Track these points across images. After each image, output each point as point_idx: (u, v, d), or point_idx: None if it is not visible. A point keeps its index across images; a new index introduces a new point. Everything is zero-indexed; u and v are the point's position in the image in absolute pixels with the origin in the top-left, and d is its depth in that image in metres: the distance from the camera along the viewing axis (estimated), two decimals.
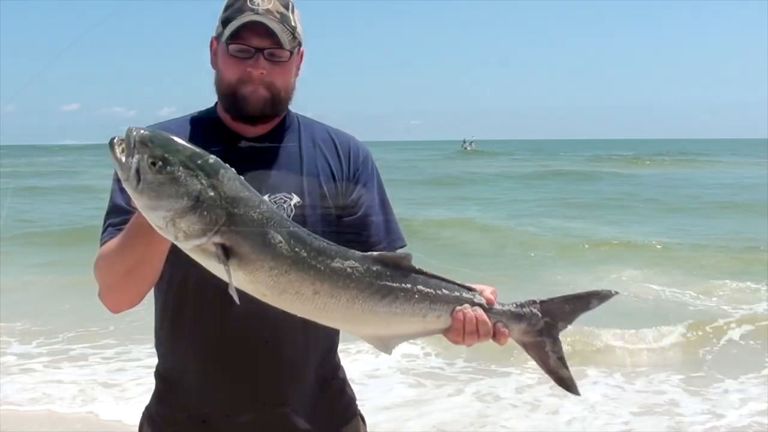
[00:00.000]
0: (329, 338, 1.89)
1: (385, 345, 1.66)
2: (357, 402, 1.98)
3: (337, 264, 1.51)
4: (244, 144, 1.78)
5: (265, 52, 1.72)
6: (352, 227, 1.81)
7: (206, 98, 1.87)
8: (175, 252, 1.67)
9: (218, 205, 1.40)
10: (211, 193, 1.40)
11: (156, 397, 1.89)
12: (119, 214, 1.72)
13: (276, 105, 1.78)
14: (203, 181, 1.40)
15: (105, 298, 1.74)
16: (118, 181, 1.74)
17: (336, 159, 1.86)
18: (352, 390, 1.97)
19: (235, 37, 1.71)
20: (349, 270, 1.52)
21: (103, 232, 1.74)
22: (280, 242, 1.45)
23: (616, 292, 1.73)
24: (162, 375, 1.88)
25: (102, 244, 1.72)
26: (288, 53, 1.74)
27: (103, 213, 1.79)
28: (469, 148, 68.55)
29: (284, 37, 1.71)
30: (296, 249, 1.47)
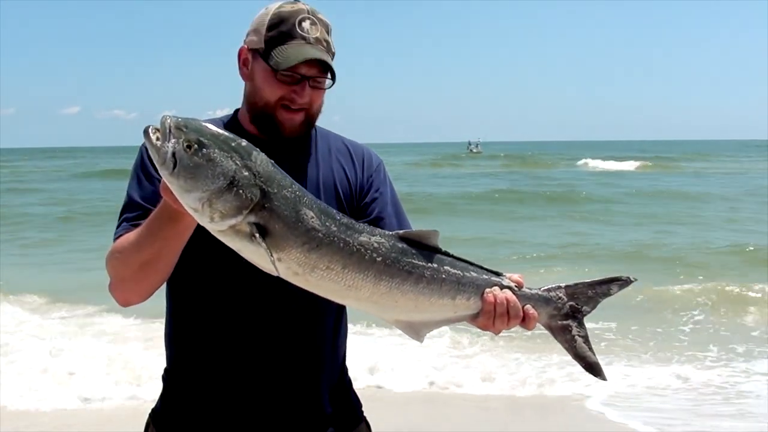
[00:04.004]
0: (341, 345, 1.94)
1: (416, 332, 1.68)
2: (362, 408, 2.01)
3: (364, 238, 1.55)
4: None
5: (311, 80, 1.75)
6: None
7: (208, 99, 1.75)
8: (192, 252, 1.70)
9: (253, 184, 1.45)
10: (246, 173, 1.45)
11: (163, 398, 1.90)
12: (135, 210, 1.75)
13: (308, 126, 1.83)
14: (237, 162, 1.45)
15: (116, 291, 1.75)
16: (135, 177, 1.79)
17: (351, 165, 1.92)
18: (357, 395, 2.00)
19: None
20: (375, 244, 1.56)
21: (118, 226, 1.76)
22: (312, 217, 1.49)
23: (635, 279, 1.78)
24: (171, 375, 1.89)
25: (116, 238, 1.74)
26: (330, 81, 1.77)
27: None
28: (474, 150, 69.23)
29: (331, 67, 1.75)
30: (327, 223, 1.51)
